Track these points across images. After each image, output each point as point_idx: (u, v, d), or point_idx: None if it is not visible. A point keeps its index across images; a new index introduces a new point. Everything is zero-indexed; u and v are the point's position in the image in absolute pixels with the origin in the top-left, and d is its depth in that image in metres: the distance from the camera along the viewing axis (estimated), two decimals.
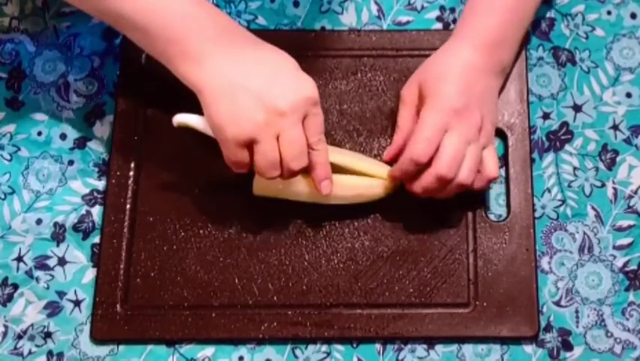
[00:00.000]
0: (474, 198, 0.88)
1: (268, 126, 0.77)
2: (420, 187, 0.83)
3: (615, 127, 0.92)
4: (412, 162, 0.82)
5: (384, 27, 0.96)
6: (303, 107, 0.78)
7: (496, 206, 0.89)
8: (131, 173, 0.90)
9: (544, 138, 0.92)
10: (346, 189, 0.85)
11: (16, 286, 0.88)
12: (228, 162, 0.80)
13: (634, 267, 0.87)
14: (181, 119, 0.83)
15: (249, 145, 0.78)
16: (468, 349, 0.85)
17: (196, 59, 0.77)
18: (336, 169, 0.85)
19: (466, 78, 0.83)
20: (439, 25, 0.96)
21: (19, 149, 0.92)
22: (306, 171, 0.82)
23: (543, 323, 0.85)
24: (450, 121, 0.81)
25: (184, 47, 0.77)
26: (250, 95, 0.76)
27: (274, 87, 0.77)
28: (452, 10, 0.96)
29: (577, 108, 0.93)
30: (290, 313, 0.85)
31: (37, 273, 0.88)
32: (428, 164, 0.81)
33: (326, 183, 0.83)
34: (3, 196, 0.90)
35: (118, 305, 0.86)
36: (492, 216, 0.89)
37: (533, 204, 0.88)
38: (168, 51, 0.78)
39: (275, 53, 0.80)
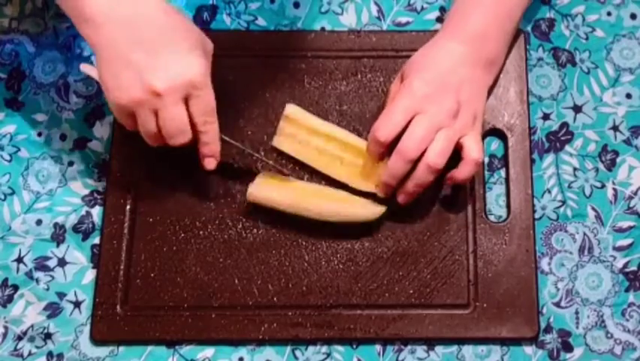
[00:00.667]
0: (474, 198, 0.88)
1: (144, 102, 0.78)
2: (390, 175, 0.83)
3: (615, 128, 0.92)
4: (376, 143, 0.83)
5: (384, 28, 0.96)
6: (182, 89, 0.78)
7: (496, 207, 0.89)
8: (131, 174, 0.90)
9: (544, 139, 0.92)
10: (341, 214, 0.86)
11: (16, 288, 0.88)
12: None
13: (634, 268, 0.87)
14: (86, 69, 0.84)
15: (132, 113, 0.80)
16: (468, 350, 0.85)
17: (92, 21, 0.78)
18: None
19: (443, 66, 0.84)
20: (438, 26, 0.96)
21: (19, 149, 0.92)
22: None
23: (543, 324, 0.85)
24: (421, 106, 0.82)
25: (82, 10, 0.78)
26: (132, 68, 0.77)
27: (156, 64, 0.77)
28: None
29: (577, 109, 0.93)
30: (290, 314, 0.85)
31: (37, 274, 0.88)
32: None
33: (209, 160, 0.84)
34: (3, 197, 0.90)
35: (118, 306, 0.86)
36: (492, 217, 0.89)
37: (533, 205, 0.88)
38: (72, 12, 0.79)
39: (174, 26, 0.79)
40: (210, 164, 0.84)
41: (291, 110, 0.88)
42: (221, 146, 0.84)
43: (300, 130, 0.88)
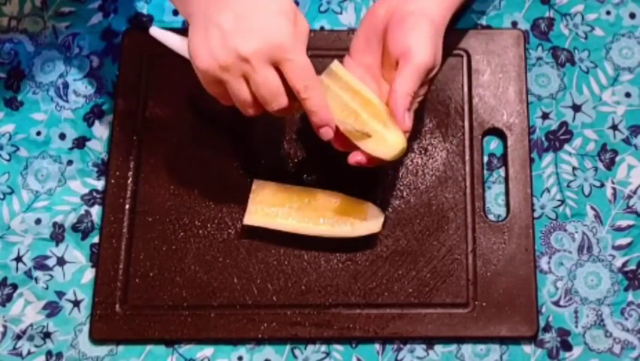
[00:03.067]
0: (473, 197, 0.88)
1: (231, 67, 0.76)
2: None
3: (614, 127, 0.92)
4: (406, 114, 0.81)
5: None
6: (269, 52, 0.75)
7: (496, 206, 0.89)
8: (130, 173, 0.90)
9: (543, 138, 0.92)
10: (336, 230, 0.86)
11: (15, 287, 0.88)
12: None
13: (633, 267, 0.87)
14: (157, 34, 0.82)
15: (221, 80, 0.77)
16: (467, 349, 0.85)
17: None
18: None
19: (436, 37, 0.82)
20: None
21: (18, 149, 0.92)
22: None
23: (542, 323, 0.85)
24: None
25: None
26: (219, 31, 0.75)
27: (243, 27, 0.75)
28: None
29: (576, 108, 0.93)
30: (289, 313, 0.85)
31: (37, 273, 0.88)
32: None
33: (324, 130, 0.79)
34: (2, 196, 0.90)
35: (117, 305, 0.86)
36: (491, 217, 0.89)
37: (532, 204, 0.88)
38: None
39: None
40: (327, 134, 0.79)
41: (335, 65, 0.84)
42: (221, 146, 0.84)
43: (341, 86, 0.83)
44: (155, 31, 0.82)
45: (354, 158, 0.81)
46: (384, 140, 0.80)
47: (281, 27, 0.75)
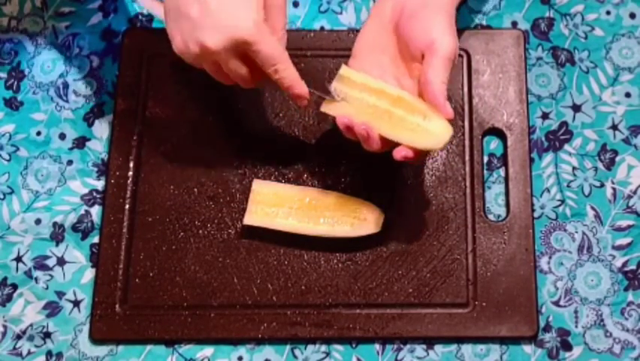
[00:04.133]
0: (473, 197, 0.88)
1: (203, 56, 0.79)
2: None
3: (614, 127, 0.92)
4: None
5: None
6: (234, 48, 0.78)
7: (496, 206, 0.89)
8: (130, 173, 0.90)
9: (543, 138, 0.92)
10: (336, 230, 0.86)
11: (15, 287, 0.88)
12: None
13: (633, 267, 0.87)
14: (146, 4, 0.86)
15: None
16: (467, 349, 0.85)
17: None
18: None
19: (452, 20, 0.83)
20: None
21: (18, 149, 0.92)
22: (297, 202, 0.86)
23: (542, 323, 0.85)
24: None
25: None
26: (188, 22, 0.78)
27: (208, 22, 0.77)
28: None
29: (576, 108, 0.93)
30: (289, 313, 0.85)
31: (37, 273, 0.88)
32: None
33: (300, 100, 0.82)
34: (2, 196, 0.90)
35: (117, 305, 0.86)
36: (491, 216, 0.89)
37: (532, 204, 0.88)
38: None
39: None
40: (301, 102, 0.83)
41: (345, 70, 0.84)
42: (221, 146, 0.84)
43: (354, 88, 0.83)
44: (144, 3, 0.87)
45: (400, 153, 0.79)
46: (429, 131, 0.79)
47: (245, 20, 0.77)
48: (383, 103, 0.81)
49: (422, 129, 0.79)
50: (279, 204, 0.86)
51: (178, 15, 0.78)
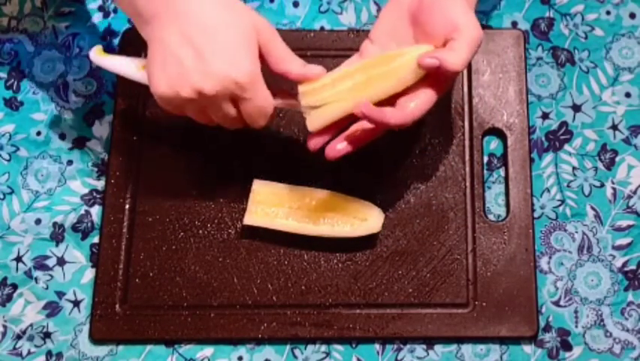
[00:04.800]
0: (473, 197, 0.88)
1: (192, 101, 0.78)
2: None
3: (614, 127, 0.92)
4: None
5: None
6: (228, 94, 0.77)
7: (496, 206, 0.89)
8: (130, 173, 0.90)
9: (543, 138, 0.92)
10: (336, 230, 0.86)
11: (15, 287, 0.88)
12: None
13: (633, 267, 0.87)
14: (101, 61, 0.85)
15: None
16: (467, 349, 0.85)
17: (145, 18, 0.78)
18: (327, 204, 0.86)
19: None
20: None
21: (18, 149, 0.92)
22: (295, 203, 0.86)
23: (542, 323, 0.85)
24: None
25: (137, 7, 0.78)
26: (179, 67, 0.76)
27: (203, 67, 0.76)
28: None
29: (576, 108, 0.93)
30: (289, 313, 0.85)
31: (37, 273, 0.88)
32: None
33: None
34: (2, 196, 0.90)
35: (117, 305, 0.86)
36: (491, 217, 0.89)
37: (532, 204, 0.88)
38: (126, 7, 0.79)
39: (223, 21, 0.77)
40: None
41: (302, 87, 0.81)
42: (221, 146, 0.84)
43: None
44: (96, 58, 0.85)
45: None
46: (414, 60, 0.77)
47: (241, 65, 0.76)
48: (358, 77, 0.79)
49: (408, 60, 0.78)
50: (279, 204, 0.86)
51: (165, 56, 0.76)
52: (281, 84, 0.81)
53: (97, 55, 0.85)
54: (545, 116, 0.92)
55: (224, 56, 0.76)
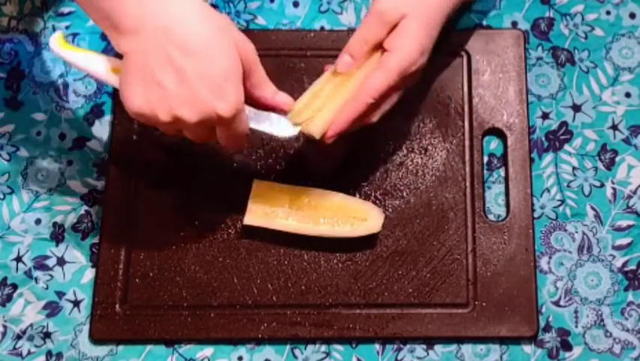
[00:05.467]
0: (473, 197, 0.88)
1: (169, 124, 0.74)
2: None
3: (614, 127, 0.92)
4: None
5: None
6: (209, 124, 0.74)
7: (496, 206, 0.89)
8: (130, 173, 0.90)
9: (543, 138, 0.92)
10: (336, 230, 0.86)
11: (15, 287, 0.88)
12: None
13: (633, 267, 0.87)
14: (57, 50, 0.78)
15: None
16: (467, 349, 0.85)
17: (121, 31, 0.73)
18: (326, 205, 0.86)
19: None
20: None
21: (18, 149, 0.92)
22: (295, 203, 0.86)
23: (542, 323, 0.85)
24: None
25: (113, 17, 0.73)
26: (160, 90, 0.72)
27: (185, 95, 0.72)
28: None
29: (576, 108, 0.93)
30: (289, 313, 0.85)
31: (37, 273, 0.88)
32: None
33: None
34: (2, 196, 0.90)
35: (117, 305, 0.86)
36: (491, 217, 0.89)
37: (532, 204, 0.88)
38: (101, 20, 0.74)
39: (208, 47, 0.72)
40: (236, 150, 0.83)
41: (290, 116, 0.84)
42: (222, 148, 0.84)
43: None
44: (57, 48, 0.79)
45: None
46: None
47: (226, 98, 0.73)
48: (336, 81, 0.82)
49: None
50: (279, 204, 0.86)
51: (145, 75, 0.72)
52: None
53: (58, 45, 0.79)
54: (545, 116, 0.92)
55: (210, 84, 0.72)
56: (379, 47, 0.82)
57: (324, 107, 0.81)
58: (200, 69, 0.72)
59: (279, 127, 0.81)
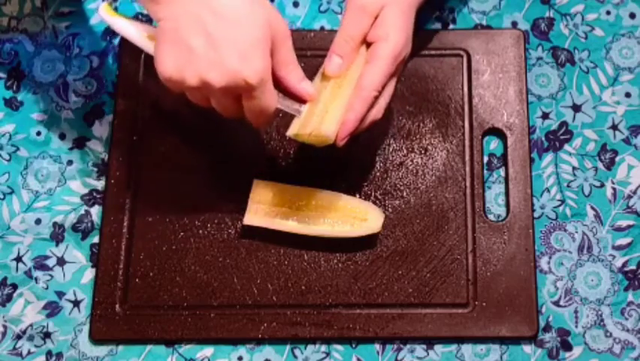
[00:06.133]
0: (473, 197, 0.88)
1: (197, 89, 0.76)
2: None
3: (614, 127, 0.92)
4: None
5: None
6: (235, 90, 0.76)
7: (496, 206, 0.89)
8: (130, 173, 0.90)
9: (543, 138, 0.92)
10: (336, 230, 0.86)
11: (15, 287, 0.88)
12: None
13: (633, 267, 0.87)
14: (105, 16, 0.84)
15: None
16: (467, 349, 0.85)
17: (160, 1, 0.75)
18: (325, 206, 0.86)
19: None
20: (438, 25, 0.96)
21: (18, 149, 0.92)
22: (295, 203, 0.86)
23: (542, 323, 0.85)
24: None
25: None
26: (189, 54, 0.74)
27: (214, 58, 0.74)
28: (451, 10, 0.96)
29: (576, 108, 0.93)
30: (289, 313, 0.85)
31: (37, 273, 0.88)
32: None
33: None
34: (2, 196, 0.90)
35: (117, 305, 0.86)
36: (491, 217, 0.89)
37: (532, 204, 0.88)
38: None
39: (240, 14, 0.74)
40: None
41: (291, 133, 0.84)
42: (222, 146, 0.84)
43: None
44: (105, 15, 0.84)
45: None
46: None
47: (253, 63, 0.74)
48: (329, 85, 0.82)
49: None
50: (279, 204, 0.86)
51: (176, 39, 0.74)
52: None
53: (105, 12, 0.84)
54: (545, 116, 0.92)
55: (238, 50, 0.74)
56: (363, 42, 0.82)
57: (329, 111, 0.81)
58: (230, 34, 0.74)
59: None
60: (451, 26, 0.96)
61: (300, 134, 0.81)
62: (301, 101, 0.81)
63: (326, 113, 0.81)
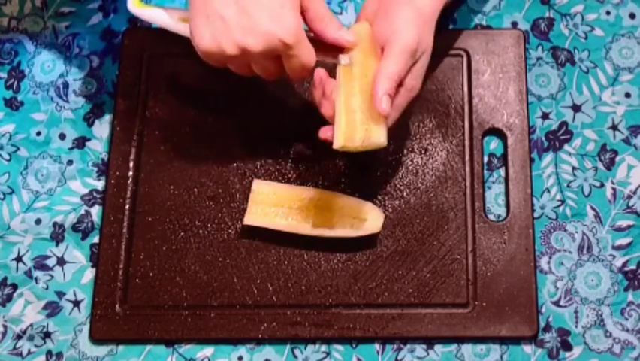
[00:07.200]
0: (473, 197, 0.88)
1: (237, 57, 0.78)
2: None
3: (614, 127, 0.92)
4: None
5: None
6: (272, 51, 0.77)
7: (496, 206, 0.89)
8: (130, 173, 0.90)
9: (543, 138, 0.92)
10: (336, 230, 0.86)
11: (15, 286, 0.88)
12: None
13: (633, 267, 0.87)
14: (134, 10, 0.87)
15: None
16: (467, 349, 0.85)
17: None
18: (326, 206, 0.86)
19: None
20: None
21: (18, 149, 0.92)
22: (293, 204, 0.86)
23: (542, 323, 0.85)
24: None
25: None
26: (222, 23, 0.76)
27: (247, 24, 0.76)
28: (451, 10, 0.96)
29: (576, 108, 0.93)
30: (289, 313, 0.85)
31: (37, 273, 0.88)
32: None
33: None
34: (2, 196, 0.90)
35: (117, 305, 0.86)
36: (491, 217, 0.89)
37: (532, 204, 0.88)
38: None
39: None
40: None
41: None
42: (221, 146, 0.84)
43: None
44: (134, 8, 0.86)
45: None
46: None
47: (285, 22, 0.76)
48: (355, 90, 0.80)
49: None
50: (279, 204, 0.86)
51: (208, 12, 0.76)
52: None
53: (134, 5, 0.86)
54: (545, 116, 0.92)
55: (269, 11, 0.76)
56: (374, 49, 0.81)
57: (369, 117, 0.79)
58: None
59: None
60: (451, 26, 0.96)
61: (349, 147, 0.79)
62: (339, 51, 0.81)
63: (369, 121, 0.79)
